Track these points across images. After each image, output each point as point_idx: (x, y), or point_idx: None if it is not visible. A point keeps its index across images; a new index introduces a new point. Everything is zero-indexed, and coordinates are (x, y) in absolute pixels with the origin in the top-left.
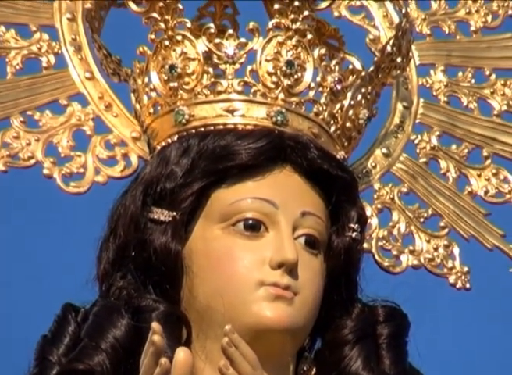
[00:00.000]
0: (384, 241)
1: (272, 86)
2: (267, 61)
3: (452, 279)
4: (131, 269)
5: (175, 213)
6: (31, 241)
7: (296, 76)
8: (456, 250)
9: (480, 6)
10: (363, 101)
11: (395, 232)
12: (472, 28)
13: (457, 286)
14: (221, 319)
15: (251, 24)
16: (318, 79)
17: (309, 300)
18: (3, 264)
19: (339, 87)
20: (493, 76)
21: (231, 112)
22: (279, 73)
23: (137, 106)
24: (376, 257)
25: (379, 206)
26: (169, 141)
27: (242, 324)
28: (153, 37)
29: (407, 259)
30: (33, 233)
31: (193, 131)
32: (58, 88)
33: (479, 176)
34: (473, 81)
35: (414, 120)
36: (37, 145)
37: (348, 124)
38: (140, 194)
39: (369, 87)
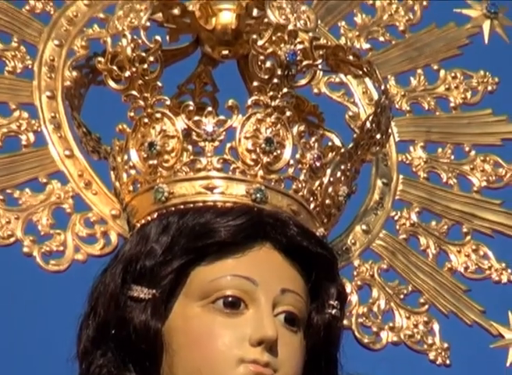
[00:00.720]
0: (364, 318)
1: (252, 163)
2: (246, 138)
3: (432, 355)
4: (111, 347)
5: (155, 291)
6: (10, 318)
7: (275, 154)
8: (436, 326)
9: (459, 82)
10: (342, 178)
11: (375, 309)
12: (452, 104)
13: (437, 362)
14: None
15: (230, 101)
16: (298, 156)
17: None
18: None
19: (318, 164)
20: (473, 153)
21: (210, 189)
22: (258, 150)
23: (117, 184)
24: (356, 334)
25: (359, 283)
26: (149, 218)
27: None
28: (132, 114)
29: (387, 336)
30: (12, 312)
31: (173, 209)
32: (37, 166)
33: (459, 252)
34: (452, 157)
35: (394, 197)
36: (17, 223)
37: (328, 201)
38: (120, 272)
39: (348, 164)
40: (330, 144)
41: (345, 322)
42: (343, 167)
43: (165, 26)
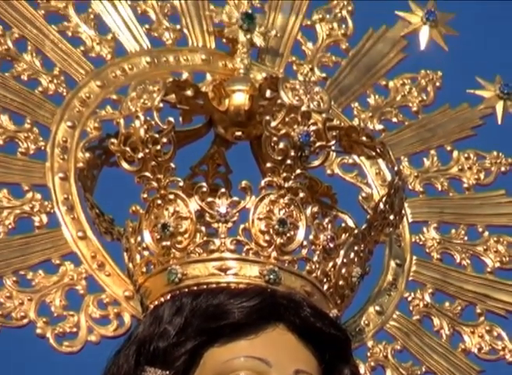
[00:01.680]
0: None
1: (265, 244)
2: (259, 219)
3: None
4: None
5: (168, 372)
6: None
7: (288, 235)
8: None
9: (473, 163)
10: (356, 259)
11: None
12: (465, 185)
13: None
14: None
15: (244, 183)
16: (311, 237)
17: None
18: None
19: (331, 245)
20: (486, 233)
21: (224, 270)
22: (271, 231)
23: (130, 265)
24: None
25: (373, 364)
26: (162, 299)
27: None
28: (145, 195)
29: None
30: None
31: (186, 290)
32: (50, 248)
33: (473, 333)
34: (466, 238)
35: (407, 278)
36: (30, 305)
37: (341, 282)
38: (134, 354)
39: (362, 245)
40: (343, 225)
41: None
42: (356, 248)
43: (178, 108)
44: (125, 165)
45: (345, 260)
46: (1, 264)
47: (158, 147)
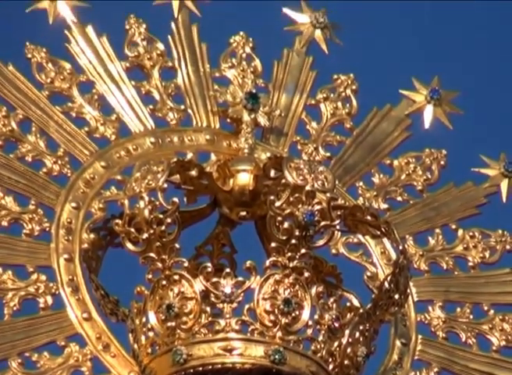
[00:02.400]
0: None
1: (270, 324)
2: (264, 299)
3: None
4: None
5: None
6: None
7: (293, 315)
8: None
9: (478, 242)
10: (361, 339)
11: None
12: (470, 263)
13: None
14: None
15: (248, 263)
16: (316, 317)
17: None
18: None
19: (337, 324)
20: (492, 312)
21: (229, 351)
22: (276, 311)
23: (135, 346)
24: None
25: None
26: None
27: None
28: (150, 276)
29: None
30: None
31: (192, 371)
32: (55, 329)
33: None
34: (471, 317)
35: (413, 357)
36: None
37: (346, 362)
38: None
39: (367, 325)
40: (349, 304)
41: None
42: (361, 328)
43: (182, 188)
44: (130, 245)
45: (350, 340)
46: (6, 346)
47: (163, 227)
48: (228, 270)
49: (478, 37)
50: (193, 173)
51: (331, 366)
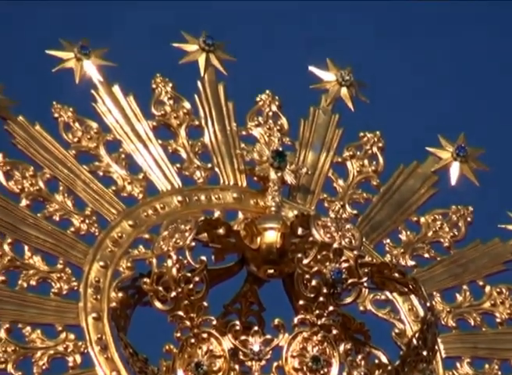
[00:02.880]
0: None
1: None
2: (293, 357)
3: None
4: None
5: None
6: None
7: (322, 372)
8: None
9: (505, 298)
10: None
11: None
12: (498, 320)
13: None
14: None
15: (277, 320)
16: (344, 374)
17: None
18: None
19: None
20: None
21: None
22: (305, 368)
23: None
24: None
25: None
26: None
27: None
28: (179, 334)
29: None
30: None
31: None
32: None
33: None
34: (500, 373)
35: None
36: None
37: None
38: None
39: None
40: (377, 361)
41: None
42: None
43: (210, 246)
44: (158, 304)
45: None
46: None
47: (191, 286)
48: (256, 328)
49: (502, 95)
50: (221, 231)
51: None
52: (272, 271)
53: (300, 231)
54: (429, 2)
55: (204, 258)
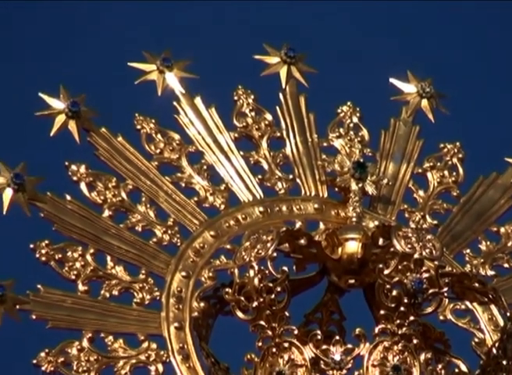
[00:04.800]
0: None
1: None
2: (374, 366)
3: None
4: None
5: None
6: None
7: None
8: None
9: None
10: None
11: None
12: None
13: None
14: None
15: (358, 330)
16: None
17: None
18: None
19: None
20: None
21: None
22: None
23: None
24: None
25: None
26: None
27: None
28: (260, 344)
29: None
30: None
31: None
32: None
33: None
34: None
35: None
36: None
37: None
38: None
39: None
40: (457, 370)
41: None
42: None
43: (291, 257)
44: (240, 314)
45: None
46: None
47: (273, 296)
48: (337, 337)
49: None
50: (302, 241)
51: None
52: (352, 281)
53: (381, 242)
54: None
55: (285, 268)
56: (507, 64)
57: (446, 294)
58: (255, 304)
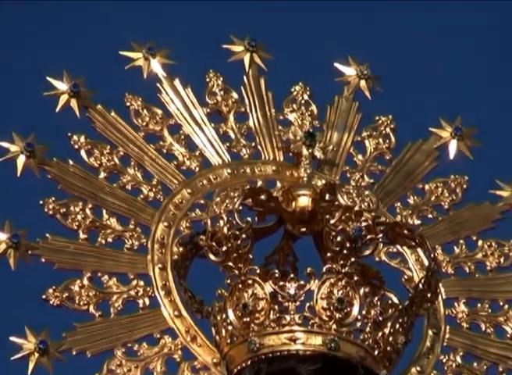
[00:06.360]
0: None
1: (327, 319)
2: (322, 299)
3: None
4: None
5: None
6: None
7: (345, 311)
8: None
9: (494, 250)
10: (400, 329)
11: None
12: (488, 267)
13: None
14: None
15: (309, 269)
16: (364, 312)
17: None
18: None
19: (380, 318)
20: (506, 307)
21: (293, 340)
22: (332, 308)
23: (217, 338)
24: None
25: None
26: (244, 365)
27: None
28: (229, 281)
29: None
30: None
31: (263, 357)
32: (152, 325)
33: None
34: (490, 311)
35: (442, 343)
36: (136, 371)
37: (389, 348)
38: None
39: (405, 318)
40: (390, 302)
41: None
42: (400, 320)
43: (254, 209)
44: (212, 257)
45: (392, 330)
46: (113, 338)
47: (239, 242)
48: (292, 275)
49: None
50: (263, 197)
51: (376, 352)
52: (304, 229)
53: (327, 197)
54: None
55: (249, 219)
56: (434, 53)
57: (380, 240)
58: (224, 248)
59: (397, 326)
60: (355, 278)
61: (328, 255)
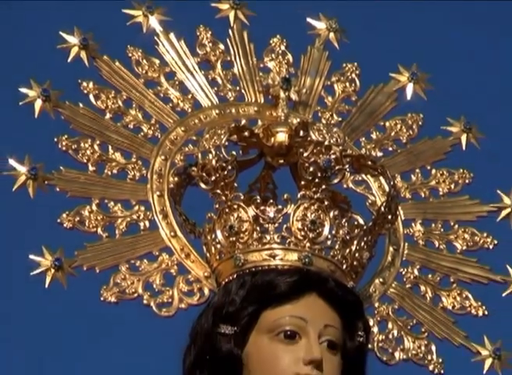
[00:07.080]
0: (383, 343)
1: (301, 238)
2: (297, 221)
3: (431, 367)
4: (206, 369)
5: (236, 328)
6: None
7: (318, 231)
8: (433, 347)
9: (446, 178)
10: (365, 247)
11: (390, 336)
12: (441, 193)
13: (435, 372)
14: None
15: (286, 195)
16: (333, 232)
17: None
18: None
19: (348, 237)
20: (456, 226)
21: (273, 257)
22: (305, 228)
23: (208, 254)
24: (377, 354)
25: (378, 318)
26: (231, 278)
27: None
28: (217, 206)
29: (399, 355)
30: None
31: (247, 271)
32: (151, 244)
33: (448, 295)
34: (442, 230)
35: (402, 258)
36: (139, 284)
37: (355, 263)
38: (211, 316)
39: (369, 237)
40: (356, 223)
41: (369, 346)
42: (365, 239)
43: (238, 144)
44: (202, 185)
45: (358, 247)
46: (118, 256)
47: (225, 172)
48: (271, 201)
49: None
50: (246, 133)
51: (344, 266)
52: (282, 161)
53: (301, 133)
54: None
55: (234, 152)
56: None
57: (347, 170)
58: (213, 178)
59: (362, 243)
60: (326, 203)
61: (302, 183)
